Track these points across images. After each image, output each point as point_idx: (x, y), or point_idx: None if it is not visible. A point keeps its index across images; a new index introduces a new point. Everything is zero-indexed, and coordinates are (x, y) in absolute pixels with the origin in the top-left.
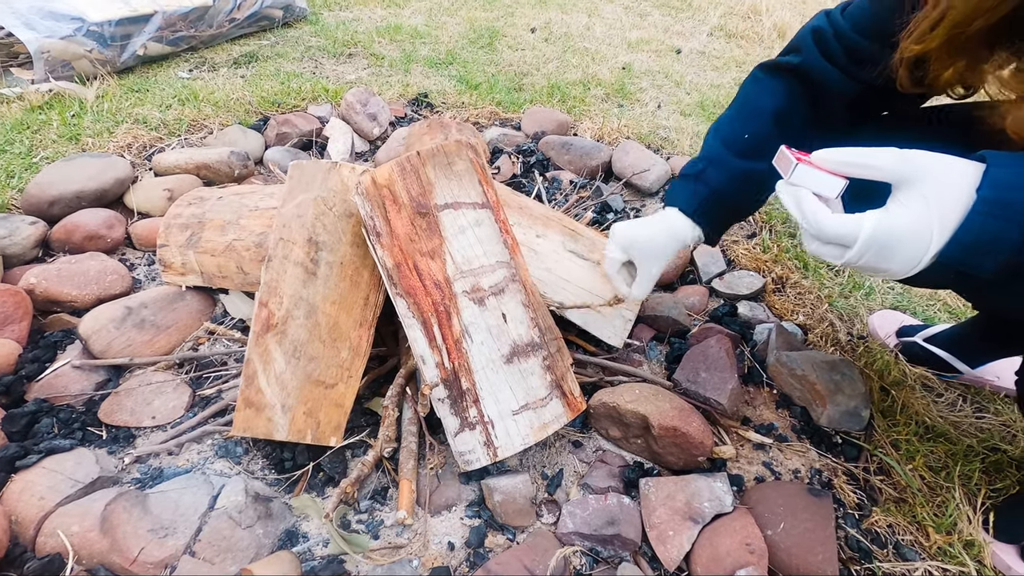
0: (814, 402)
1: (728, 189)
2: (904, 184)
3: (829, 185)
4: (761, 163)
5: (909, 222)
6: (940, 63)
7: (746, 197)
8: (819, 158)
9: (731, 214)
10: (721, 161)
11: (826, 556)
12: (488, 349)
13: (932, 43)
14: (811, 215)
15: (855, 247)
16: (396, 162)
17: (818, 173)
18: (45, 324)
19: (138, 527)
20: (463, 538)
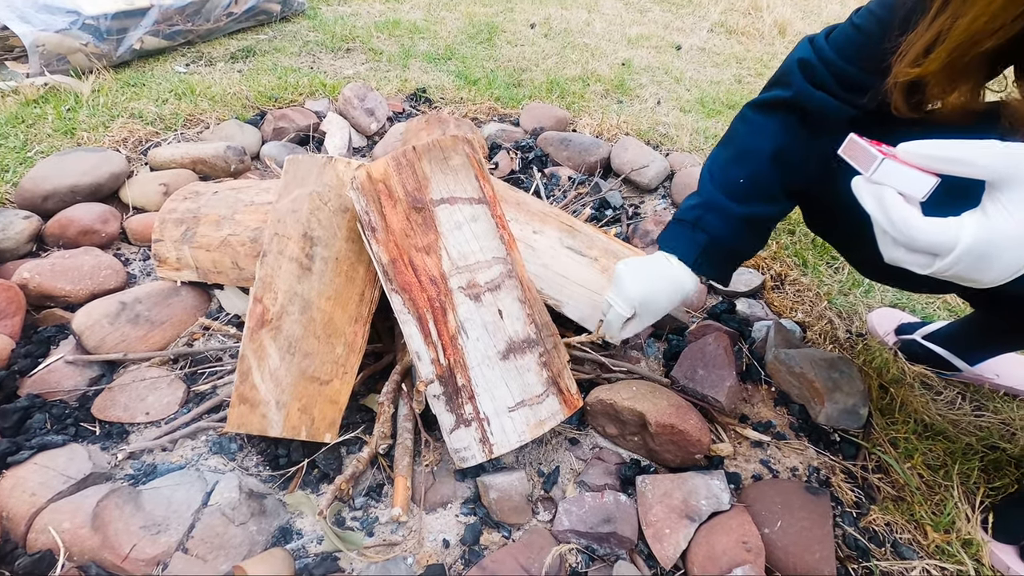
0: (812, 400)
1: (728, 235)
2: (1008, 183)
3: (919, 184)
4: (760, 206)
5: (1014, 229)
6: (939, 88)
7: (747, 242)
8: (908, 152)
9: (734, 258)
10: (719, 207)
11: (823, 554)
12: (484, 345)
13: (930, 67)
14: (900, 219)
15: (950, 257)
16: (392, 156)
17: (906, 169)
18: (38, 319)
19: (130, 524)
20: (458, 535)
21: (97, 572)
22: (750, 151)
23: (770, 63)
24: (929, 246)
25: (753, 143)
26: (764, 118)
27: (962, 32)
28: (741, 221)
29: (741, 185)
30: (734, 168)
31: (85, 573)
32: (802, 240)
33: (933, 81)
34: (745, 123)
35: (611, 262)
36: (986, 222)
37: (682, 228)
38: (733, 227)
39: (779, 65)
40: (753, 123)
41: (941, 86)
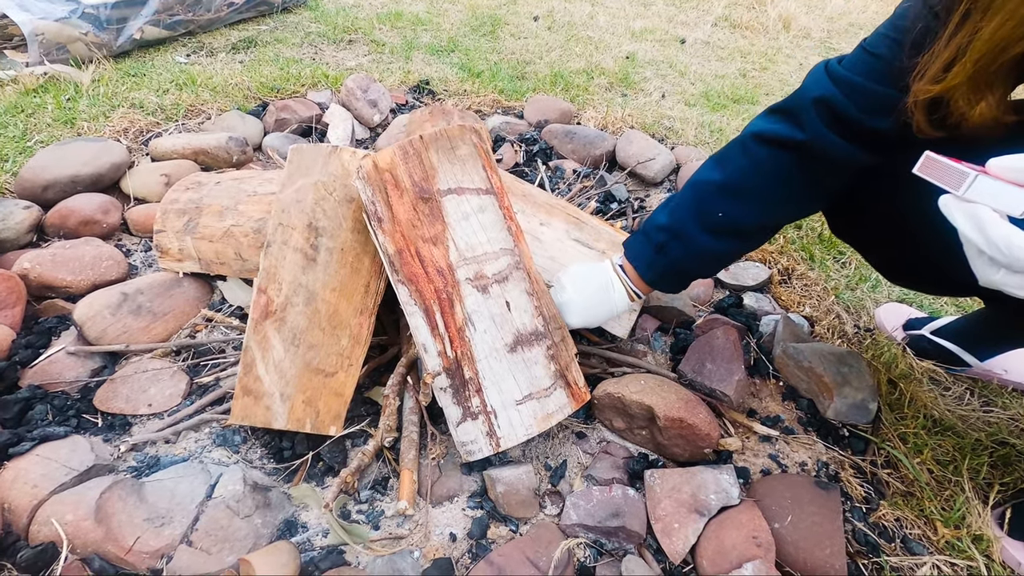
0: (821, 394)
1: (689, 264)
2: None
3: (1016, 199)
4: (731, 243)
5: None
6: (965, 101)
7: (707, 269)
8: (1000, 167)
9: (689, 278)
10: (687, 237)
11: (834, 550)
12: (491, 338)
13: (954, 80)
14: (1003, 239)
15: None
16: (398, 146)
17: (1000, 185)
18: (39, 310)
19: (133, 516)
20: (465, 529)
21: (100, 565)
22: (743, 188)
23: (774, 57)
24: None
25: (749, 180)
26: (768, 154)
27: (987, 41)
28: (706, 254)
29: (719, 219)
30: (719, 200)
31: (88, 566)
32: (808, 235)
33: (958, 95)
34: (746, 155)
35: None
36: None
37: (646, 246)
38: (696, 257)
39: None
40: (755, 158)
41: (967, 99)
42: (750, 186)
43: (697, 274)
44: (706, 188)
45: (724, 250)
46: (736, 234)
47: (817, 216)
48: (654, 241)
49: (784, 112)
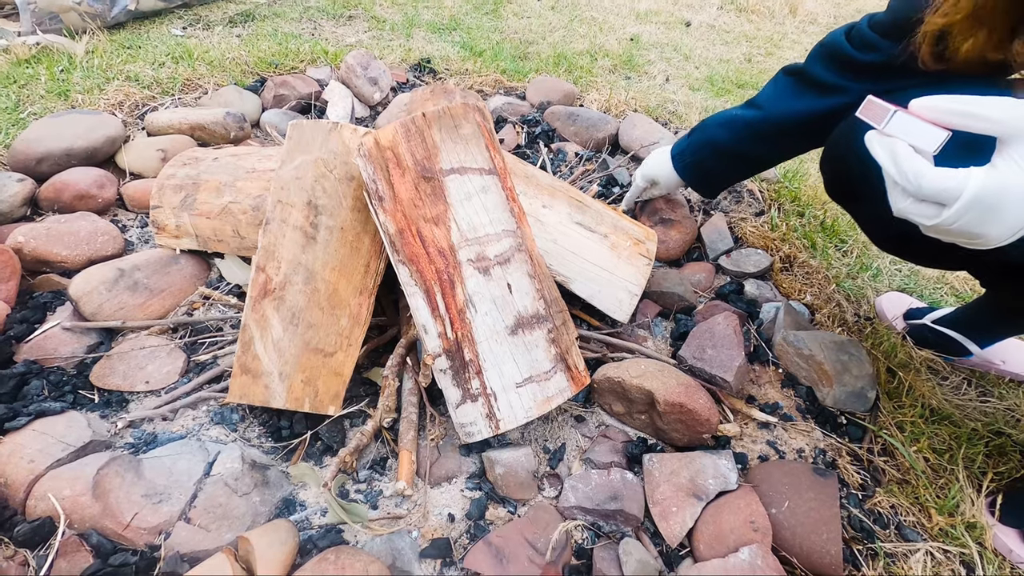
0: (820, 382)
1: (704, 149)
2: (1020, 138)
3: (930, 136)
4: (737, 138)
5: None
6: (962, 35)
7: (717, 162)
8: (921, 106)
9: (707, 174)
10: (708, 129)
11: (830, 536)
12: (492, 320)
13: (957, 15)
14: (909, 167)
15: (956, 205)
16: (400, 123)
17: (918, 122)
18: (34, 284)
19: (131, 492)
20: (463, 510)
21: (98, 540)
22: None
23: (780, 43)
24: (936, 193)
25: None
26: (784, 78)
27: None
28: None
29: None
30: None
31: (86, 541)
32: (811, 222)
33: (956, 29)
34: (773, 80)
35: (621, 239)
36: (995, 173)
37: (683, 136)
38: (710, 143)
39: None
40: (776, 80)
41: (963, 34)
42: (760, 97)
43: (706, 164)
44: (733, 108)
45: (729, 143)
46: (742, 130)
47: (820, 204)
48: (690, 130)
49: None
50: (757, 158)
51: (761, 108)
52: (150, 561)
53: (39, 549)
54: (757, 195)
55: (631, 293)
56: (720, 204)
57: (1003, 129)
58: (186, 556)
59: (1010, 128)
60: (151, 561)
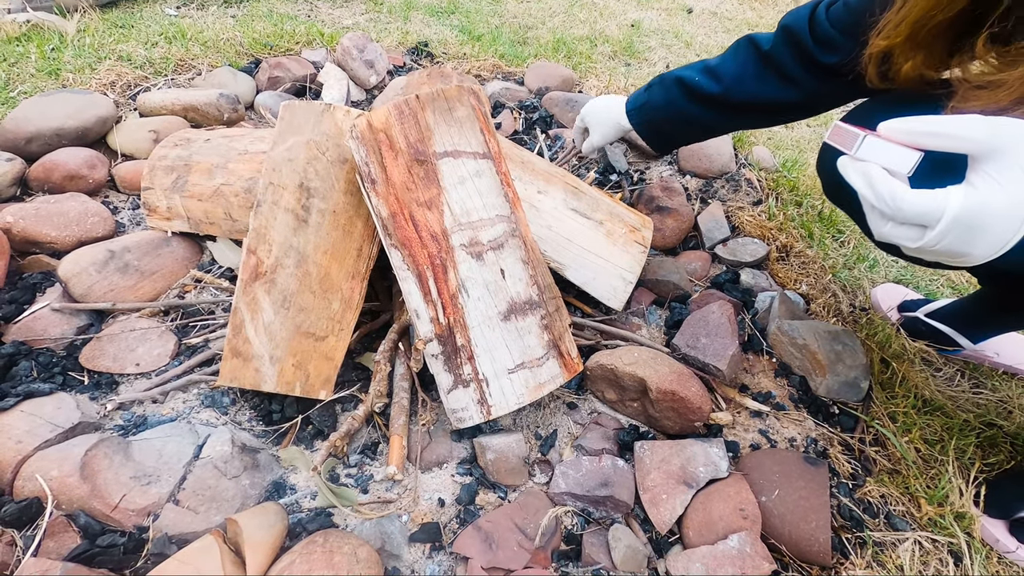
0: (814, 371)
1: (660, 110)
2: (993, 156)
3: (903, 158)
4: (692, 105)
5: (1003, 198)
6: (903, 56)
7: (671, 125)
8: (891, 129)
9: (656, 126)
10: (667, 87)
11: (819, 524)
12: (485, 305)
13: (897, 38)
14: (887, 192)
15: (938, 227)
16: (394, 104)
17: (889, 145)
18: (23, 265)
19: (120, 474)
20: (454, 495)
21: (86, 521)
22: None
23: None
24: (917, 216)
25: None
26: (745, 51)
27: (921, 7)
28: (673, 106)
29: (694, 83)
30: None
31: (73, 522)
32: (808, 212)
33: (899, 51)
34: (734, 48)
35: (616, 226)
36: (972, 191)
37: (642, 88)
38: (666, 106)
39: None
40: (736, 51)
41: (904, 55)
42: (723, 69)
43: (662, 125)
44: (697, 64)
45: (687, 110)
46: (701, 100)
47: (818, 194)
48: (648, 83)
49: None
50: (715, 126)
51: (722, 82)
52: (138, 543)
53: (26, 529)
54: (755, 184)
55: (626, 281)
56: (718, 193)
57: (975, 147)
58: (174, 538)
59: (982, 146)
60: (139, 543)
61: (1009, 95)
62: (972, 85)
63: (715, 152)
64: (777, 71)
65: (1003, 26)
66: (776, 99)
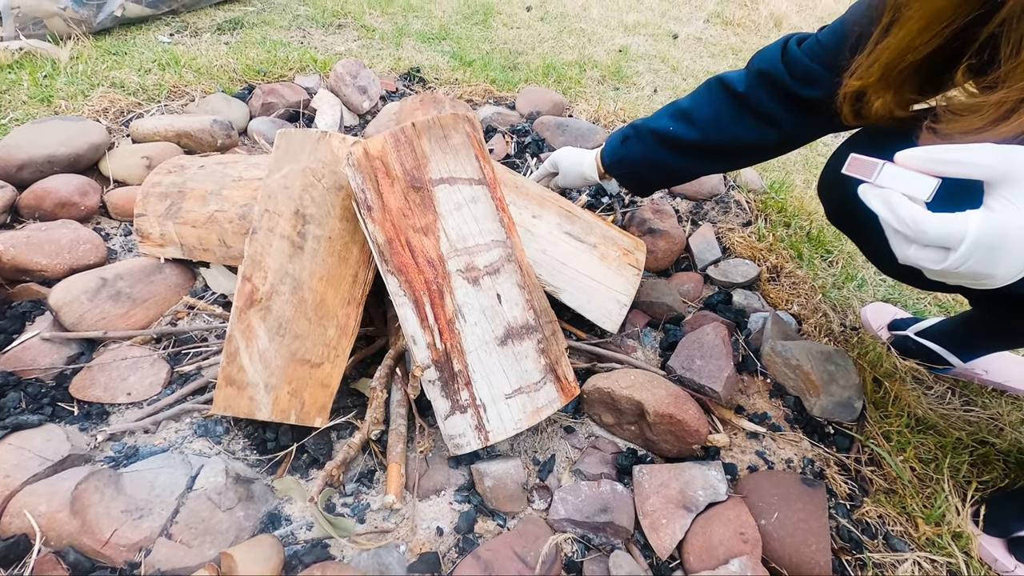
0: (808, 392)
1: (638, 162)
2: (1008, 181)
3: (922, 185)
4: (670, 154)
5: (1022, 220)
6: (875, 95)
7: (651, 173)
8: (908, 157)
9: (637, 177)
10: (643, 139)
11: (819, 546)
12: (482, 330)
13: (870, 79)
14: (908, 216)
15: (961, 248)
16: (390, 133)
17: (908, 173)
18: (12, 294)
19: (111, 508)
20: (452, 523)
21: (75, 558)
22: (691, 113)
23: None
24: (940, 237)
25: (697, 109)
26: (719, 94)
27: (892, 49)
28: (652, 157)
29: (669, 132)
30: (672, 120)
31: (63, 559)
32: (797, 233)
33: (872, 91)
34: (706, 90)
35: (611, 249)
36: (991, 215)
37: (616, 136)
38: (644, 158)
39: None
40: (708, 93)
41: (877, 94)
42: (697, 114)
43: (643, 175)
44: (668, 109)
45: (666, 160)
46: (678, 148)
47: (805, 215)
48: (622, 135)
49: (745, 69)
50: (695, 171)
51: (698, 128)
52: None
53: (13, 568)
54: (744, 206)
55: (620, 303)
56: (708, 215)
57: (990, 173)
58: (167, 573)
59: (997, 172)
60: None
61: (983, 119)
62: (951, 110)
63: None
64: (754, 112)
65: (979, 58)
66: (755, 140)
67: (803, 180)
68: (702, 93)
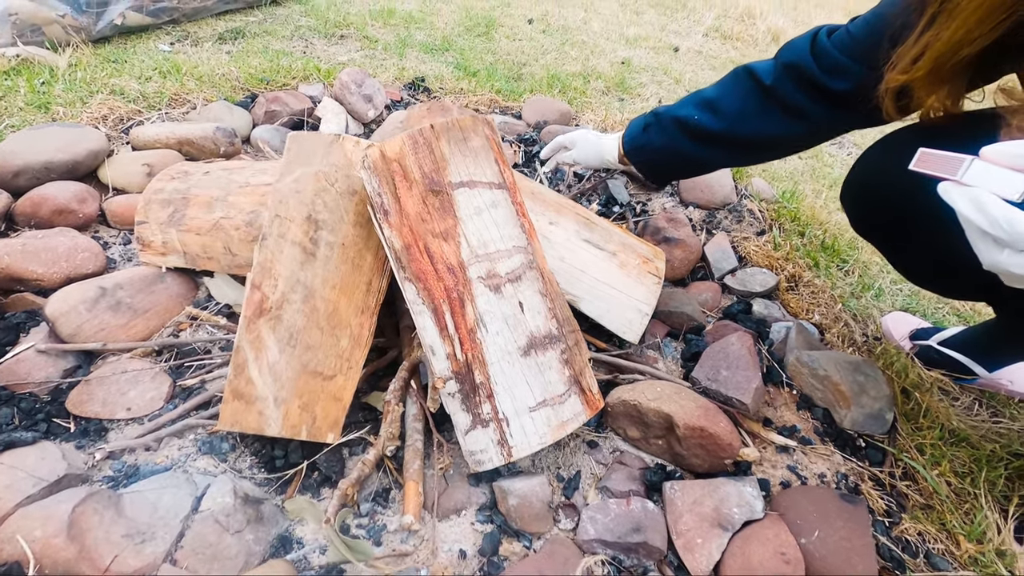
0: (837, 403)
1: (659, 150)
2: None
3: (1012, 183)
4: (693, 144)
5: None
6: (924, 91)
7: (672, 161)
8: (995, 152)
9: (657, 165)
10: (666, 127)
11: (865, 566)
12: (504, 340)
13: (917, 73)
14: (1003, 217)
15: None
16: (408, 135)
17: (998, 170)
18: (6, 304)
19: (111, 532)
20: (475, 545)
21: None
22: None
23: None
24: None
25: (723, 100)
26: (746, 84)
27: (945, 42)
28: (674, 146)
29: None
30: (698, 109)
31: None
32: (812, 242)
33: (918, 86)
34: (733, 79)
35: (630, 257)
36: None
37: (638, 123)
38: (666, 147)
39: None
40: (736, 83)
41: (926, 90)
42: (723, 104)
43: (663, 164)
44: (692, 98)
45: (688, 150)
46: (702, 138)
47: (818, 224)
48: (644, 122)
49: (772, 60)
50: (716, 163)
51: (724, 119)
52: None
53: None
54: (757, 215)
55: (641, 312)
56: (721, 224)
57: None
58: None
59: None
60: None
61: None
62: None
63: (716, 183)
64: (781, 105)
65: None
66: (781, 134)
67: (812, 190)
68: (728, 83)
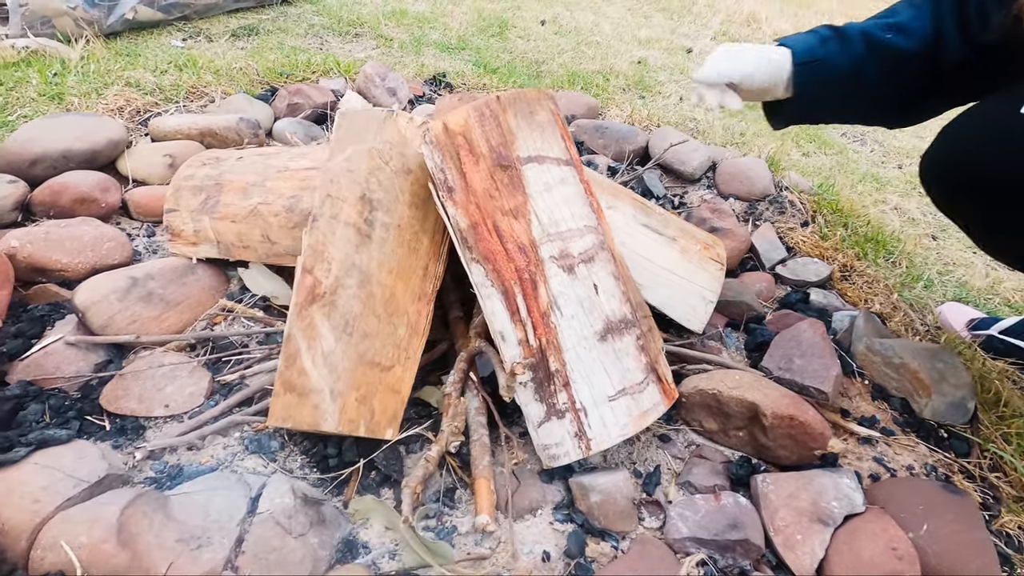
0: (916, 392)
1: (835, 68)
2: None
3: None
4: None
5: None
6: None
7: (842, 88)
8: None
9: (816, 99)
10: (850, 41)
11: (984, 562)
12: (580, 324)
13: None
14: None
15: None
16: (473, 106)
17: None
18: (28, 296)
19: (163, 537)
20: (558, 546)
21: None
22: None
23: None
24: None
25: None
26: None
27: None
28: (855, 64)
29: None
30: (889, 31)
31: None
32: (856, 232)
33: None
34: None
35: (690, 243)
36: None
37: (811, 36)
38: (845, 66)
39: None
40: None
41: None
42: (913, 26)
43: (830, 91)
44: (880, 20)
45: (870, 75)
46: (889, 57)
47: (858, 215)
48: (821, 34)
49: None
50: (884, 100)
51: (921, 40)
52: None
53: None
54: (798, 206)
55: (706, 300)
56: (763, 214)
57: None
58: None
59: None
60: None
61: None
62: None
63: (755, 175)
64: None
65: None
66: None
67: (846, 183)
68: (906, 6)
